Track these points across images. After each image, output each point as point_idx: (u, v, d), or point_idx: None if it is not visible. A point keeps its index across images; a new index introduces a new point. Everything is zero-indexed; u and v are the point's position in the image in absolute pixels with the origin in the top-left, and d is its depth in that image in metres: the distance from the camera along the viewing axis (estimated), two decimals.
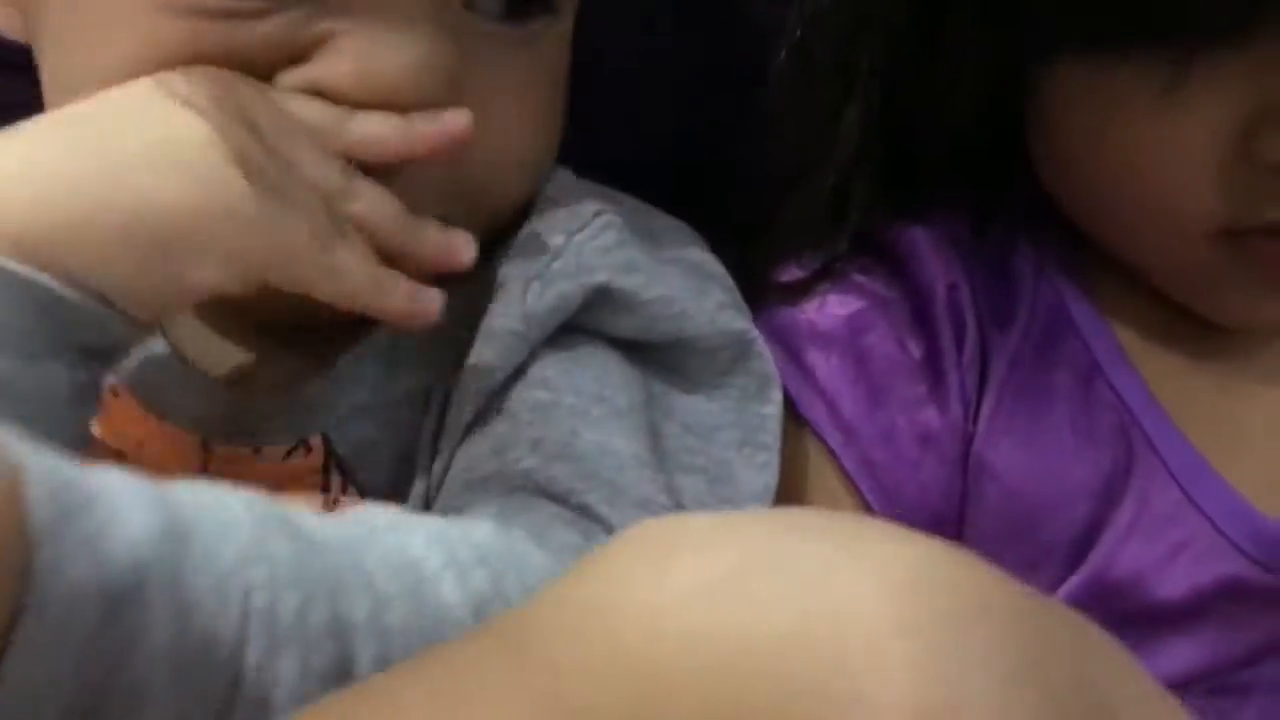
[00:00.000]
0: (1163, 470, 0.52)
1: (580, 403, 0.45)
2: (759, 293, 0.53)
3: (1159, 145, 0.47)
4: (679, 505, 0.45)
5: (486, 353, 0.45)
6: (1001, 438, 0.52)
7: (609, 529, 0.42)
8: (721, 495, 0.47)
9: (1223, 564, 0.52)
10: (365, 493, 0.47)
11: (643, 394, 0.47)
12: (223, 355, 0.48)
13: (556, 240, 0.47)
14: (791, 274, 0.55)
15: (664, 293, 0.47)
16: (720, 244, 0.52)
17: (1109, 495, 0.53)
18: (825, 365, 0.52)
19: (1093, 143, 0.49)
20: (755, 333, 0.49)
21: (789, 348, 0.53)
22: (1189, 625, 0.53)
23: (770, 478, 0.48)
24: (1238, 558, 0.52)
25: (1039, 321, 0.54)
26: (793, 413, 0.52)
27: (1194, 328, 0.53)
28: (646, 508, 0.43)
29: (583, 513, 0.42)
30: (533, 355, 0.46)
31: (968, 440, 0.52)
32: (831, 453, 0.52)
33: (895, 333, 0.52)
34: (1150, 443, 0.53)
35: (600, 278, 0.46)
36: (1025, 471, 0.52)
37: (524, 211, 0.49)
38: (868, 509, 0.52)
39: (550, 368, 0.46)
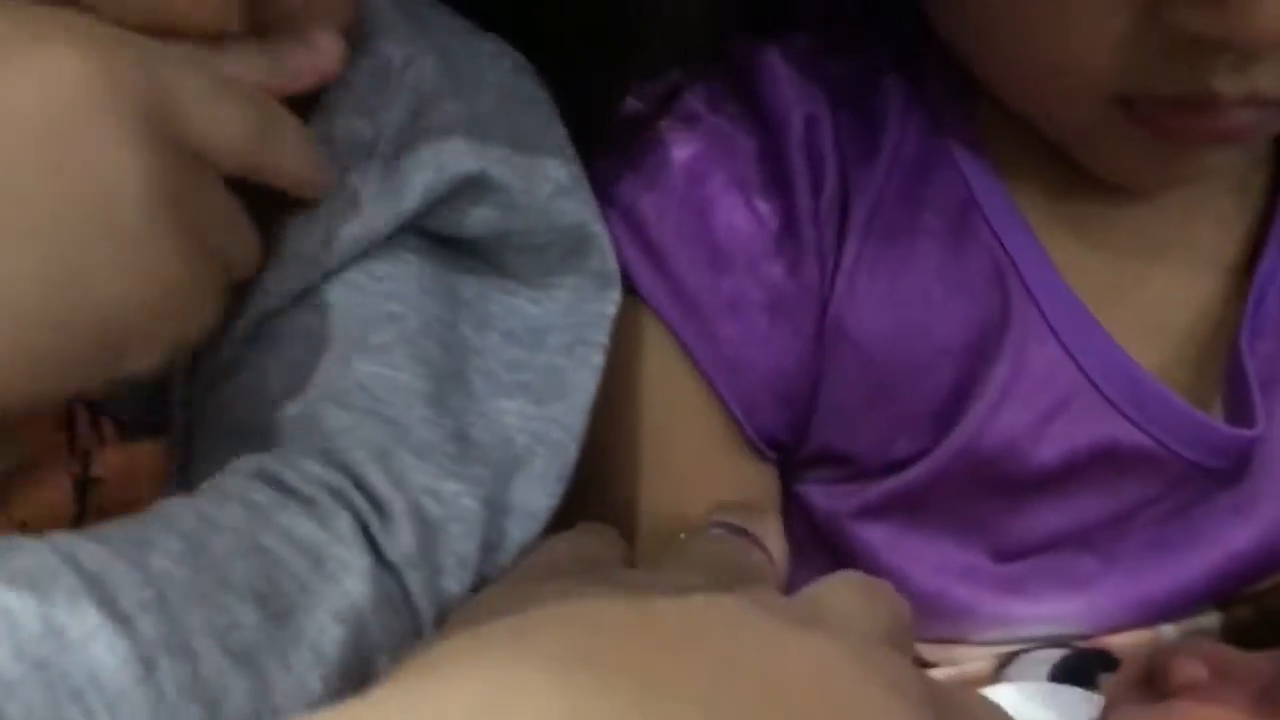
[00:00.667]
0: (1041, 322, 0.46)
1: (359, 329, 0.37)
2: (595, 130, 0.43)
3: (1066, 4, 0.39)
4: (469, 449, 0.38)
5: (269, 278, 0.37)
6: (860, 298, 0.45)
7: (372, 497, 0.35)
8: (549, 415, 0.40)
9: (1100, 425, 0.47)
10: (125, 429, 0.40)
11: (447, 305, 0.39)
12: None
13: (360, 128, 0.38)
14: (629, 107, 0.45)
15: (485, 163, 0.39)
16: (552, 68, 0.42)
17: (981, 354, 0.46)
18: (659, 223, 0.44)
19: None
20: (596, 224, 0.41)
21: (617, 201, 0.43)
22: (1061, 489, 0.48)
23: (597, 376, 0.41)
24: (1115, 418, 0.47)
25: (907, 153, 0.46)
26: (624, 279, 0.43)
27: (1085, 181, 0.46)
28: (426, 457, 0.37)
29: (344, 473, 0.35)
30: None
31: (824, 304, 0.45)
32: (669, 326, 0.44)
33: (741, 182, 0.44)
34: (1028, 290, 0.46)
35: (409, 204, 0.38)
36: (886, 335, 0.46)
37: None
38: (710, 388, 0.45)
39: (335, 288, 0.38)
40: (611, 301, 0.42)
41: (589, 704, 0.23)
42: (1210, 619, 0.52)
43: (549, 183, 0.40)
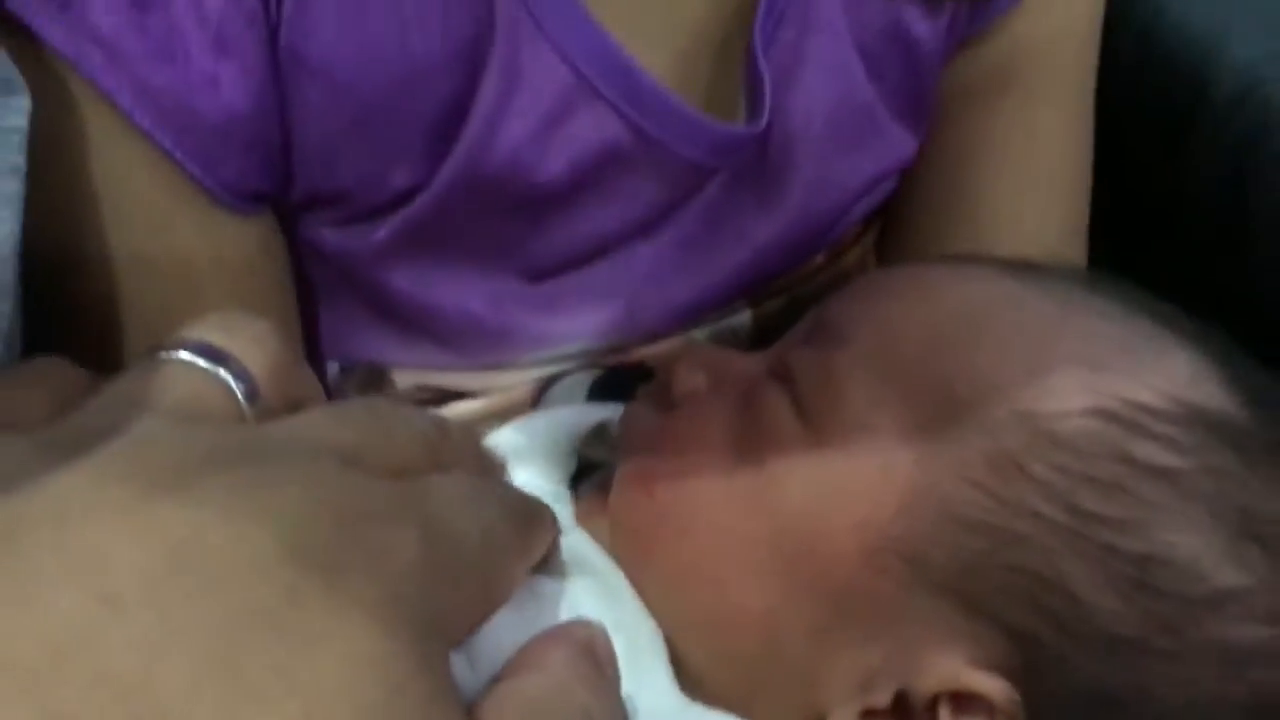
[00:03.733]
0: (532, 26, 0.43)
1: None
2: None
3: None
4: None
5: None
6: (316, 19, 0.40)
7: None
8: None
9: (601, 130, 0.44)
10: None
11: None
12: None
13: None
14: None
15: None
16: None
17: (469, 65, 0.43)
18: None
19: None
20: None
21: None
22: (576, 200, 0.46)
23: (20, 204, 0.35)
24: (615, 120, 0.44)
25: None
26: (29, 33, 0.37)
27: None
28: None
29: None
30: None
31: (274, 31, 0.40)
32: (95, 84, 0.38)
33: None
34: None
35: None
36: (353, 57, 0.41)
37: None
38: (161, 148, 0.40)
39: None
40: (16, 112, 0.35)
41: None
42: (742, 317, 0.52)
43: None
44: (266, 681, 0.24)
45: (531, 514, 0.33)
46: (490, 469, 0.36)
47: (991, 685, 0.37)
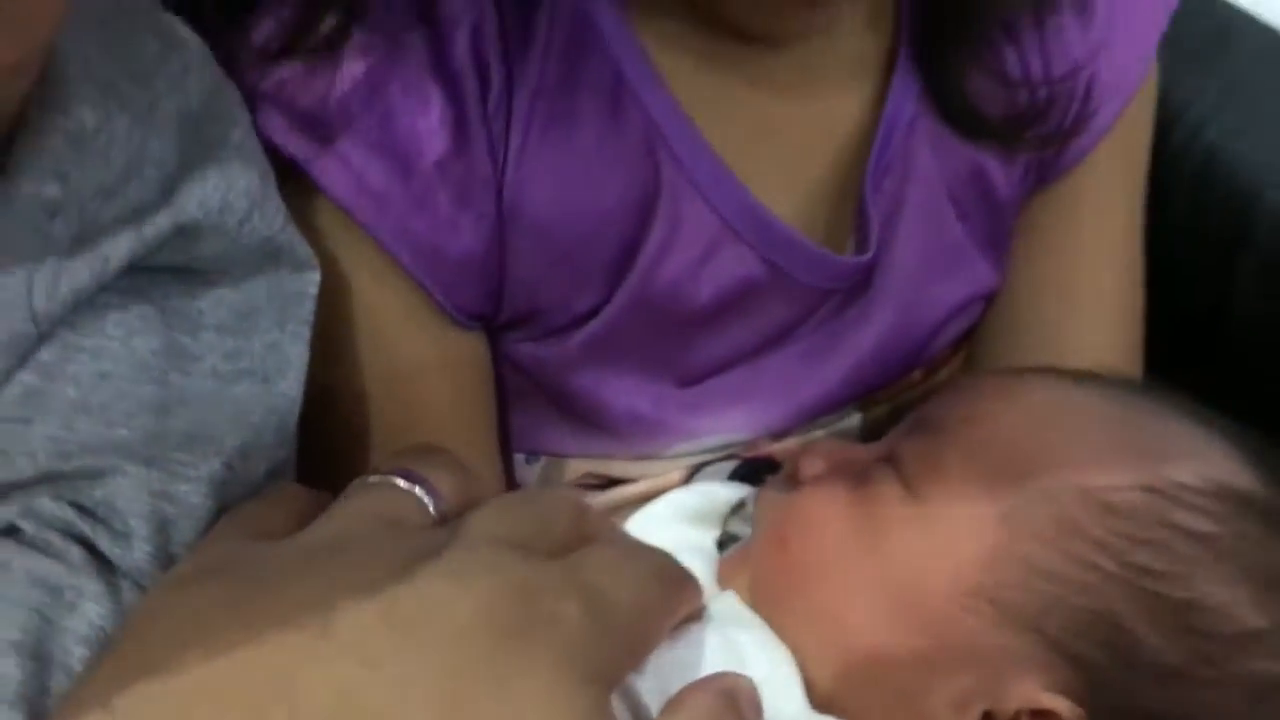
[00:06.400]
0: (689, 185, 0.54)
1: (76, 392, 0.42)
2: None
3: None
4: (201, 445, 0.44)
5: None
6: (530, 181, 0.52)
7: (103, 520, 0.42)
8: (277, 390, 0.46)
9: (741, 266, 0.56)
10: None
11: (156, 332, 0.44)
12: None
13: (49, 193, 0.41)
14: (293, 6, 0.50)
15: (184, 220, 0.43)
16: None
17: (641, 215, 0.54)
18: (348, 137, 0.50)
19: None
20: (285, 228, 0.46)
21: (304, 120, 0.49)
22: (720, 321, 0.57)
23: (307, 348, 0.48)
24: (752, 258, 0.56)
25: (559, 41, 0.53)
26: (321, 195, 0.50)
27: (726, 49, 0.54)
28: (156, 465, 0.43)
29: (72, 506, 0.42)
30: None
31: (500, 190, 0.52)
32: (368, 231, 0.51)
33: (418, 90, 0.50)
34: (676, 157, 0.54)
35: (119, 251, 0.42)
36: (556, 208, 0.53)
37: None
38: (412, 277, 0.52)
39: (48, 350, 0.42)
40: (311, 283, 0.47)
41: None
42: (852, 420, 0.63)
43: (235, 213, 0.45)
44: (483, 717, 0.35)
45: (674, 576, 0.44)
46: (627, 539, 0.47)
47: (1063, 705, 0.46)
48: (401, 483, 0.43)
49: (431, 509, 0.43)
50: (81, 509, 0.42)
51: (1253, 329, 0.69)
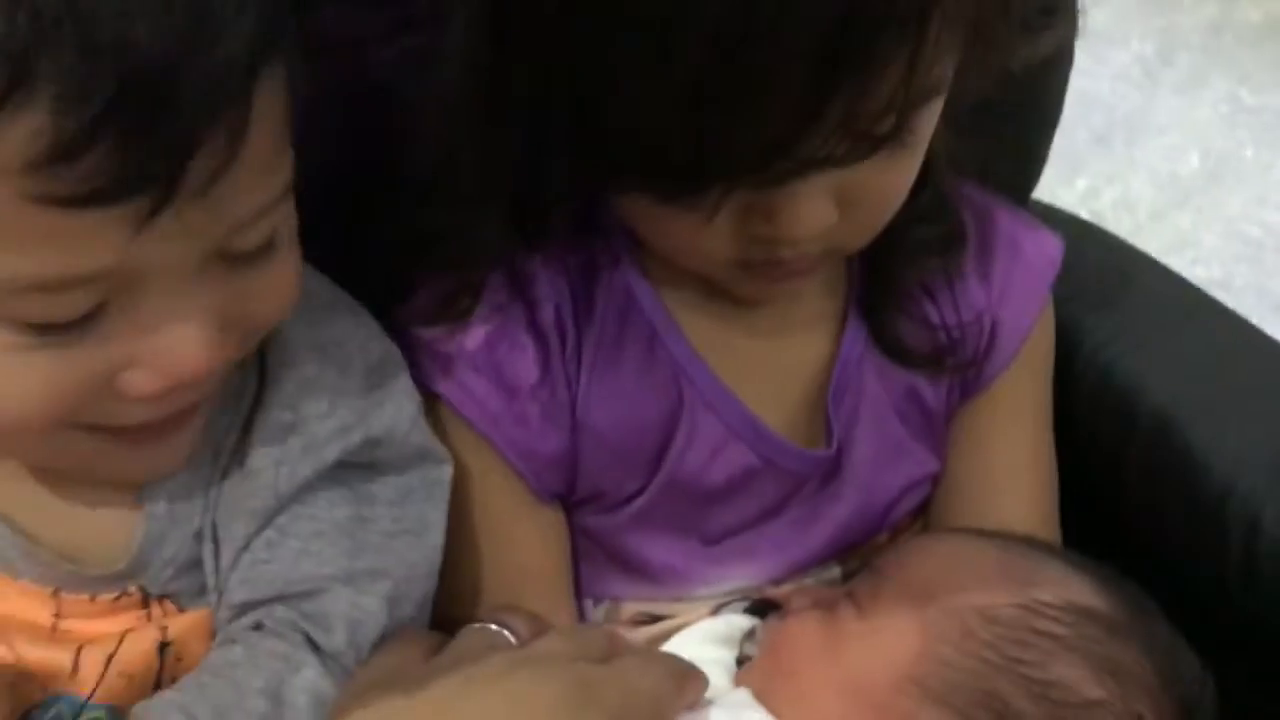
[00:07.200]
0: (703, 404, 0.78)
1: (300, 542, 0.67)
2: (413, 318, 0.74)
3: (697, 235, 0.68)
4: (379, 575, 0.68)
5: (237, 527, 0.66)
6: (594, 402, 0.77)
7: (316, 619, 0.66)
8: (427, 543, 0.71)
9: (743, 459, 0.79)
10: (180, 606, 0.68)
11: (349, 503, 0.68)
12: (59, 529, 0.66)
13: (286, 418, 0.67)
14: (440, 291, 0.75)
15: (370, 435, 0.68)
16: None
17: (670, 425, 0.78)
18: (473, 375, 0.74)
19: (653, 226, 0.71)
20: (432, 437, 0.71)
21: (444, 364, 0.74)
22: (731, 498, 0.80)
23: (445, 518, 0.72)
24: (750, 454, 0.79)
25: (613, 306, 0.77)
26: (454, 413, 0.74)
27: (729, 306, 0.78)
28: (351, 584, 0.67)
29: (297, 611, 0.66)
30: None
31: (574, 410, 0.76)
32: (485, 437, 0.75)
33: (520, 343, 0.75)
34: (696, 388, 0.78)
35: (331, 454, 0.67)
36: (611, 421, 0.77)
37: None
38: (514, 469, 0.76)
39: (285, 516, 0.67)
40: (446, 473, 0.71)
41: None
42: (834, 572, 0.85)
43: (400, 430, 0.69)
44: None
45: (683, 673, 0.68)
46: (648, 650, 0.72)
47: None
48: (494, 626, 0.69)
49: (514, 642, 0.68)
50: (303, 613, 0.66)
51: (1139, 497, 0.91)
